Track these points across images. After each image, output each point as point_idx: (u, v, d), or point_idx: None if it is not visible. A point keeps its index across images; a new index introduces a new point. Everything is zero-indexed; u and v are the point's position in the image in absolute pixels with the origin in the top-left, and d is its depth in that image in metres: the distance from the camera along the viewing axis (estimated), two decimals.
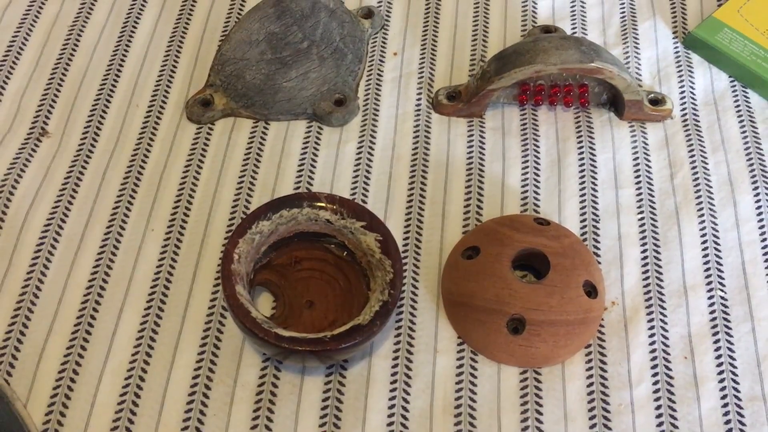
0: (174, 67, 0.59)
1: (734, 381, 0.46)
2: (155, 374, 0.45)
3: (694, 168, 0.54)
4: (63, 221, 0.51)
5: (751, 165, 0.54)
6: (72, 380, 0.45)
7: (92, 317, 0.47)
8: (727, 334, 0.47)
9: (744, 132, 0.56)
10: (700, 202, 0.53)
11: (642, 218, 0.52)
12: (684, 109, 0.57)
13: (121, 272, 0.49)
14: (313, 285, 0.47)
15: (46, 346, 0.46)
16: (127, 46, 0.60)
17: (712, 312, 0.48)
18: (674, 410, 0.45)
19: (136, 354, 0.46)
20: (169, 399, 0.45)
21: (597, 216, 0.52)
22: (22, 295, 0.48)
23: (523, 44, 0.54)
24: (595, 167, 0.54)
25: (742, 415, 0.45)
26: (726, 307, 0.48)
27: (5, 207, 0.51)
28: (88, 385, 0.45)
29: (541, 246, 0.47)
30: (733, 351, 0.47)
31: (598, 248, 0.51)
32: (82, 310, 0.47)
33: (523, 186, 0.53)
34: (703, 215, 0.52)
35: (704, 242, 0.51)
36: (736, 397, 0.45)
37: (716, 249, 0.51)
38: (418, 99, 0.57)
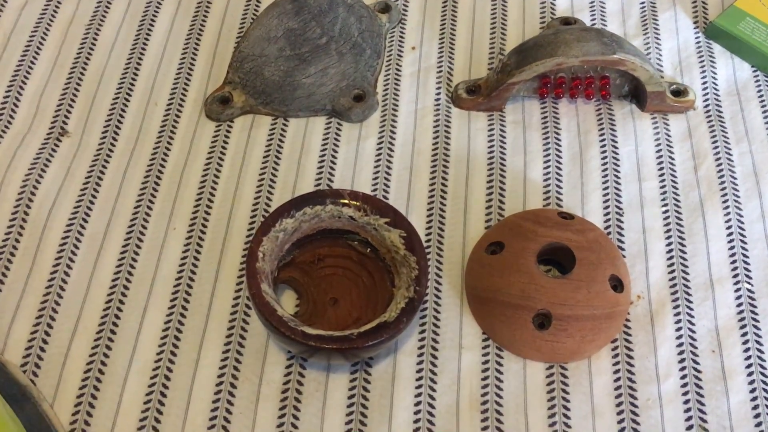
0: (192, 64, 0.58)
1: (763, 374, 0.45)
2: (180, 373, 0.45)
3: (718, 159, 0.54)
4: (85, 221, 0.51)
5: None
6: (98, 380, 0.45)
7: (116, 317, 0.47)
8: (755, 326, 0.47)
9: None
10: (725, 194, 0.52)
11: (666, 211, 0.51)
12: (707, 99, 0.57)
13: (144, 271, 0.49)
14: (337, 282, 0.47)
15: (72, 346, 0.46)
16: (144, 44, 0.59)
17: (739, 305, 0.48)
18: (703, 404, 0.44)
19: (161, 353, 0.46)
20: (195, 397, 0.45)
21: (621, 209, 0.51)
22: (46, 295, 0.48)
23: (544, 37, 0.54)
24: (618, 160, 0.54)
25: None
26: (753, 299, 0.48)
27: (27, 207, 0.51)
28: (114, 385, 0.45)
29: (566, 240, 0.46)
30: (761, 344, 0.46)
31: (622, 242, 0.50)
32: (106, 310, 0.47)
33: (545, 180, 0.53)
34: (728, 207, 0.51)
35: (730, 234, 0.50)
36: (765, 390, 0.45)
37: (742, 241, 0.50)
38: (438, 93, 0.57)
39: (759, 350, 0.46)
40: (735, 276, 0.49)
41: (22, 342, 0.46)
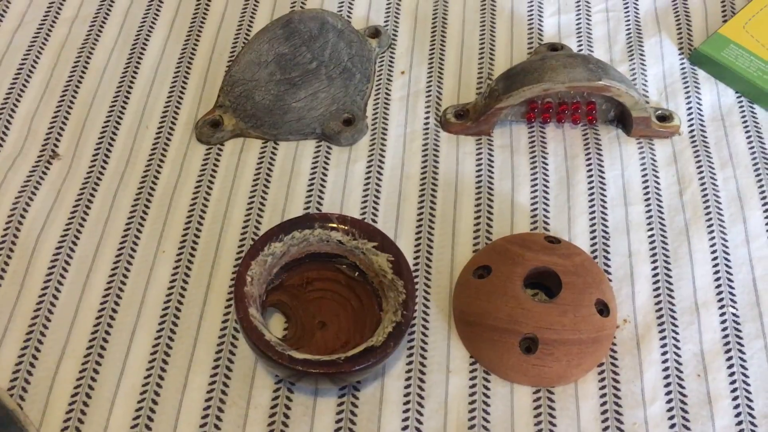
0: (183, 88, 0.59)
1: (748, 399, 0.46)
2: (168, 397, 0.45)
3: (702, 184, 0.54)
4: (74, 243, 0.51)
5: (760, 180, 0.54)
6: (85, 404, 0.45)
7: (104, 340, 0.47)
8: (740, 351, 0.47)
9: (752, 147, 0.56)
10: (710, 219, 0.53)
11: (652, 235, 0.52)
12: (691, 125, 0.57)
13: (132, 294, 0.49)
14: (325, 306, 0.47)
15: (59, 369, 0.46)
16: (136, 67, 0.60)
17: (724, 329, 0.48)
18: (688, 429, 0.45)
19: (148, 377, 0.46)
20: (183, 422, 0.44)
21: (607, 233, 0.52)
22: (34, 319, 0.48)
23: (531, 62, 0.55)
24: (604, 184, 0.54)
25: None
26: (738, 323, 0.48)
27: (17, 230, 0.51)
28: (102, 409, 0.45)
29: (553, 264, 0.47)
30: (746, 368, 0.47)
31: (608, 266, 0.51)
32: (94, 333, 0.47)
33: (532, 204, 0.53)
34: (713, 231, 0.52)
35: (715, 258, 0.51)
36: (750, 414, 0.45)
37: (727, 265, 0.51)
38: (426, 118, 0.58)
39: (744, 374, 0.46)
40: (720, 300, 0.49)
41: (9, 365, 0.46)
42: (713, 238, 0.52)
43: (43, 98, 0.58)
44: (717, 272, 0.50)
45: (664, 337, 0.48)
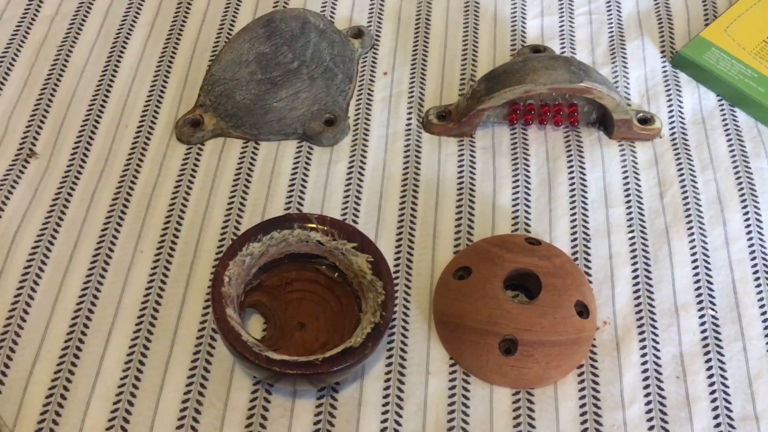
0: (163, 87, 0.58)
1: (726, 401, 0.46)
2: (144, 398, 0.45)
3: (683, 187, 0.54)
4: (51, 243, 0.50)
5: (740, 183, 0.55)
6: (60, 405, 0.44)
7: (80, 341, 0.47)
8: (719, 353, 0.47)
9: (732, 150, 0.56)
10: (690, 221, 0.53)
11: (632, 237, 0.52)
12: (673, 128, 0.57)
13: (109, 295, 0.48)
14: (304, 306, 0.47)
15: (34, 370, 0.45)
16: (116, 66, 0.59)
17: (703, 331, 0.48)
18: (667, 431, 0.45)
19: (125, 378, 0.45)
20: (159, 423, 0.44)
21: (588, 235, 0.52)
22: (9, 319, 0.47)
23: (513, 64, 0.55)
24: (585, 186, 0.54)
25: None
26: (717, 326, 0.48)
27: None
28: (77, 410, 0.44)
29: (533, 266, 0.47)
30: (724, 370, 0.47)
31: (589, 267, 0.51)
32: (70, 334, 0.47)
33: (513, 205, 0.53)
34: (693, 234, 0.52)
35: (694, 261, 0.51)
36: (728, 416, 0.45)
37: (706, 268, 0.51)
38: (409, 118, 0.57)
39: (723, 376, 0.47)
40: (699, 302, 0.49)
41: None
42: (693, 240, 0.52)
43: (21, 96, 0.57)
44: (697, 275, 0.50)
45: (643, 339, 0.48)
